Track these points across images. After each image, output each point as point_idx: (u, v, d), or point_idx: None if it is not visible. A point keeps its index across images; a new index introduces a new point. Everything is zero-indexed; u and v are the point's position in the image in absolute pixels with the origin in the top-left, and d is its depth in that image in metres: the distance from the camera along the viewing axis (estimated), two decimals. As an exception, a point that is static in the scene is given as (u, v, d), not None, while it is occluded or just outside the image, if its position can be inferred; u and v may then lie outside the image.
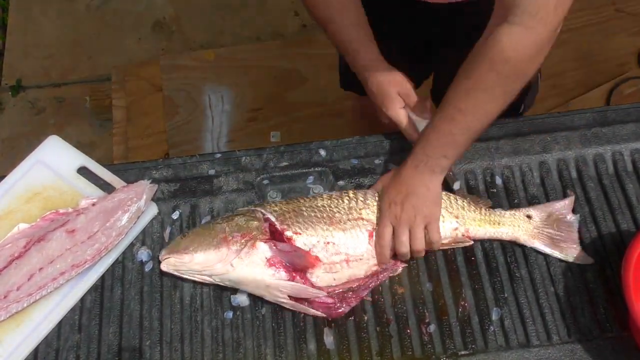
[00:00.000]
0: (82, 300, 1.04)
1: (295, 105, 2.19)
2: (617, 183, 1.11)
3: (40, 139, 1.17)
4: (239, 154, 1.17)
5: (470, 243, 1.05)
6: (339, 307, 0.99)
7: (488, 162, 1.14)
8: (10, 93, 2.46)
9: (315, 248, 1.00)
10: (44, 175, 1.13)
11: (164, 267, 1.02)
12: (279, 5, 2.55)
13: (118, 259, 1.07)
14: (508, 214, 1.06)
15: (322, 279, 1.00)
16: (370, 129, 1.19)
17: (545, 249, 1.04)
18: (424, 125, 1.05)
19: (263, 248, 0.99)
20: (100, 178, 1.13)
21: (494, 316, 1.00)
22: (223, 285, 1.02)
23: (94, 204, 1.07)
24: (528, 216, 1.06)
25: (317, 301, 0.99)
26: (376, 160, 1.15)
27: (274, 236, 1.01)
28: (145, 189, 1.08)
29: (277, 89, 2.24)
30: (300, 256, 0.99)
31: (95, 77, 2.45)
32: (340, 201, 1.04)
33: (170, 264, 1.01)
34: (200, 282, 1.03)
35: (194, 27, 2.56)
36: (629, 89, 2.14)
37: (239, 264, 0.98)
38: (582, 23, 2.29)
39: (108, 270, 1.06)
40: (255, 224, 1.01)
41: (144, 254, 1.07)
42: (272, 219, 1.01)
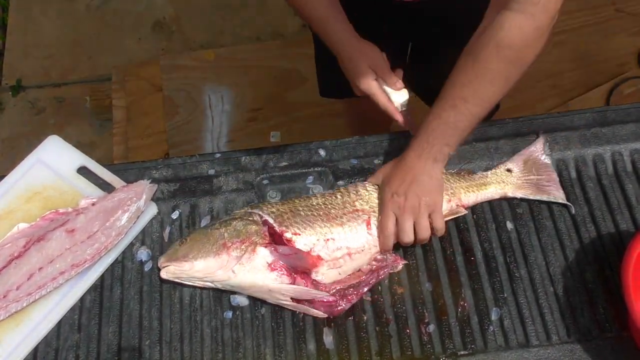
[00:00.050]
0: (82, 299, 1.04)
1: (295, 105, 2.19)
2: (617, 183, 1.11)
3: (40, 139, 1.17)
4: (239, 154, 1.17)
5: (466, 212, 1.06)
6: (340, 305, 0.99)
7: (488, 162, 1.13)
8: (10, 93, 2.46)
9: (316, 247, 1.00)
10: (44, 175, 1.13)
11: (164, 275, 1.01)
12: (279, 5, 2.54)
13: (118, 258, 1.07)
14: (490, 173, 1.10)
15: (328, 275, 1.01)
16: (370, 129, 1.18)
17: (533, 196, 1.08)
18: (397, 96, 1.08)
19: (264, 253, 0.99)
20: (100, 178, 1.13)
21: (494, 316, 1.00)
22: (225, 289, 1.02)
23: (93, 204, 1.07)
24: (508, 170, 1.10)
25: (318, 300, 0.99)
26: (376, 160, 1.15)
27: (273, 238, 1.01)
28: (145, 188, 1.08)
29: (277, 89, 2.25)
30: (301, 258, 0.98)
31: (95, 77, 2.46)
32: (334, 198, 1.05)
33: (170, 272, 1.00)
34: (201, 287, 1.03)
35: (194, 27, 2.56)
36: (628, 89, 2.14)
37: (241, 270, 0.98)
38: (582, 23, 2.29)
39: (108, 270, 1.06)
40: (254, 228, 1.00)
41: (143, 254, 1.07)
42: (271, 221, 1.01)
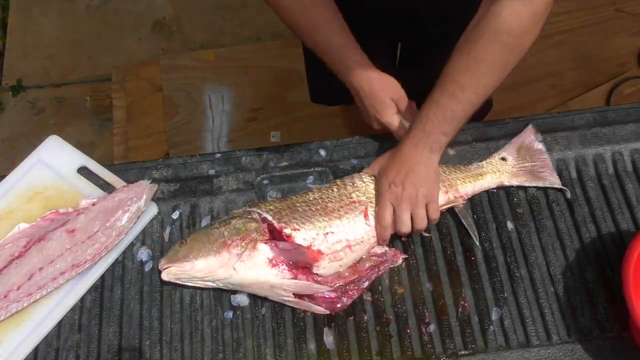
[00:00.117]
0: (82, 299, 1.04)
1: (295, 105, 2.19)
2: (617, 183, 1.11)
3: (40, 139, 1.17)
4: (239, 154, 1.17)
5: (463, 202, 1.07)
6: (341, 301, 0.99)
7: (488, 162, 1.14)
8: (10, 93, 2.46)
9: (315, 241, 1.00)
10: (44, 175, 1.13)
11: (165, 277, 1.01)
12: (279, 5, 2.55)
13: (118, 258, 1.07)
14: (485, 163, 1.11)
15: (329, 268, 1.01)
16: (369, 130, 1.18)
17: (528, 183, 1.09)
18: None
19: (264, 249, 0.99)
20: (100, 178, 1.13)
21: (494, 316, 1.00)
22: (225, 288, 1.02)
23: (94, 204, 1.07)
24: (502, 158, 1.11)
25: (320, 297, 0.99)
26: (376, 160, 1.15)
27: (273, 235, 1.01)
28: (145, 188, 1.08)
29: (277, 89, 2.24)
30: (302, 253, 0.99)
31: (95, 77, 2.45)
32: (330, 191, 1.06)
33: (172, 273, 1.00)
34: (202, 287, 1.03)
35: (194, 27, 2.56)
36: (628, 89, 2.14)
37: (242, 267, 0.98)
38: (582, 23, 2.29)
39: (108, 270, 1.06)
40: (254, 225, 1.01)
41: (144, 254, 1.07)
42: (270, 218, 1.01)
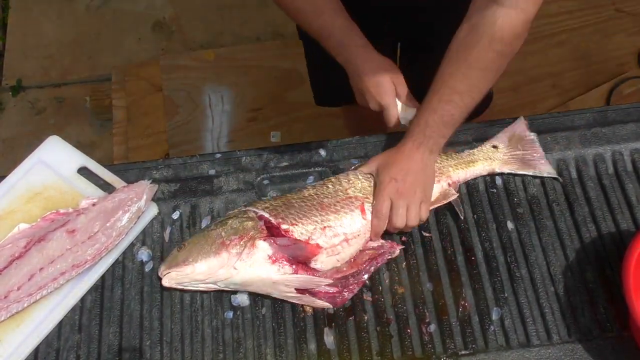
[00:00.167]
0: (83, 300, 1.04)
1: (295, 105, 2.19)
2: (617, 183, 1.11)
3: (40, 139, 1.17)
4: (239, 154, 1.17)
5: (457, 195, 1.08)
6: (342, 295, 1.00)
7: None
8: (10, 93, 2.46)
9: (313, 235, 1.01)
10: (44, 176, 1.13)
11: (166, 283, 1.00)
12: (279, 5, 2.55)
13: (118, 259, 1.07)
14: (477, 151, 1.12)
15: (327, 263, 1.01)
16: (367, 132, 1.19)
17: (520, 171, 1.11)
18: (408, 112, 1.09)
19: (263, 246, 0.99)
20: (100, 178, 1.13)
21: (494, 316, 1.00)
22: (227, 289, 1.02)
23: (94, 204, 1.07)
24: (494, 146, 1.13)
25: (321, 292, 1.00)
26: (376, 160, 1.15)
27: (271, 232, 1.01)
28: (145, 189, 1.08)
29: (277, 89, 2.25)
30: (301, 247, 0.99)
31: (95, 77, 2.46)
32: (325, 187, 1.06)
33: (172, 278, 0.99)
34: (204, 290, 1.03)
35: (194, 27, 2.56)
36: (628, 89, 2.14)
37: (242, 266, 0.98)
38: (582, 23, 2.29)
39: (108, 270, 1.06)
40: (251, 223, 1.01)
41: (144, 254, 1.07)
42: (266, 215, 1.01)
